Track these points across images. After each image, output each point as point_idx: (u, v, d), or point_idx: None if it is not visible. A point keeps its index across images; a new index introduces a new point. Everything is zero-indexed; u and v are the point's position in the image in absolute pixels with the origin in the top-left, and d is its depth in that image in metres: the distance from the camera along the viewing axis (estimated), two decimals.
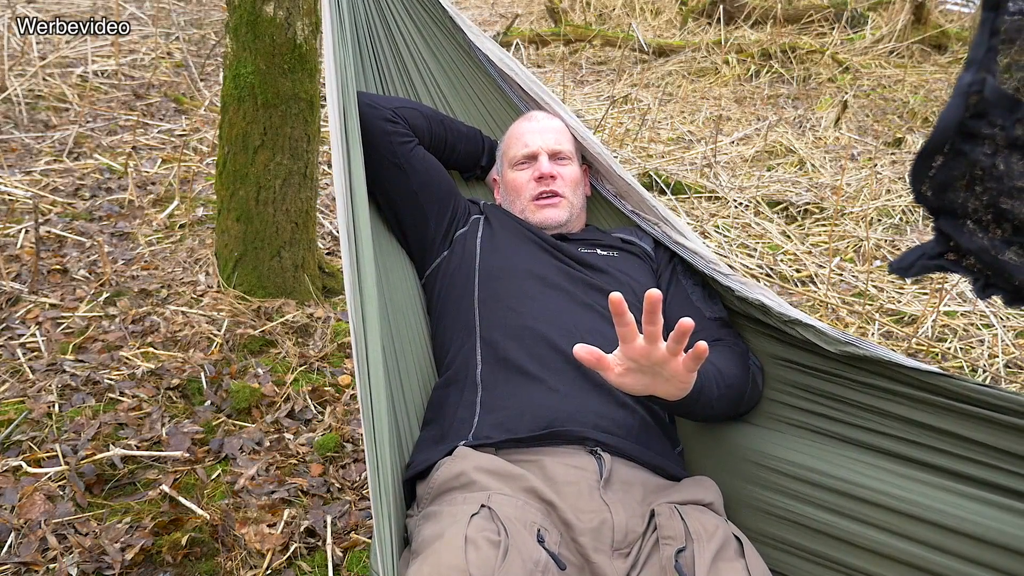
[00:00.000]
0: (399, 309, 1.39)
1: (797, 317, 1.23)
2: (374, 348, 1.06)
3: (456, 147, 1.60)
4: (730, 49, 5.89)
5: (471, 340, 1.31)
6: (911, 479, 1.08)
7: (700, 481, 1.20)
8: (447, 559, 0.90)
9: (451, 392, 1.28)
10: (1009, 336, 2.50)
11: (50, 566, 1.44)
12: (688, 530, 1.03)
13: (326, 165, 3.45)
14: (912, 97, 5.27)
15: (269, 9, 2.06)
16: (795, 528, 1.16)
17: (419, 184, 1.46)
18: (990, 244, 0.59)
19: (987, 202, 0.58)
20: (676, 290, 1.42)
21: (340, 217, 1.16)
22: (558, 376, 1.22)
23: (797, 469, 1.18)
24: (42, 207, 2.72)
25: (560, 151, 1.52)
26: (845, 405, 1.20)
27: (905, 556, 1.04)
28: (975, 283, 0.62)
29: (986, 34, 0.56)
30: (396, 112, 1.46)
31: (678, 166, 3.91)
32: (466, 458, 1.12)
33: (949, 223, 0.61)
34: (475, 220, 1.50)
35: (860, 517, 1.09)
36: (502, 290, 1.34)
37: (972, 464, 1.05)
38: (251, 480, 1.70)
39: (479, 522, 0.97)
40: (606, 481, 1.11)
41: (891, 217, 3.41)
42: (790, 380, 1.28)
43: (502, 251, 1.42)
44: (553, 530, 1.03)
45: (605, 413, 1.20)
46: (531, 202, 1.50)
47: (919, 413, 1.10)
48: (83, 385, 1.91)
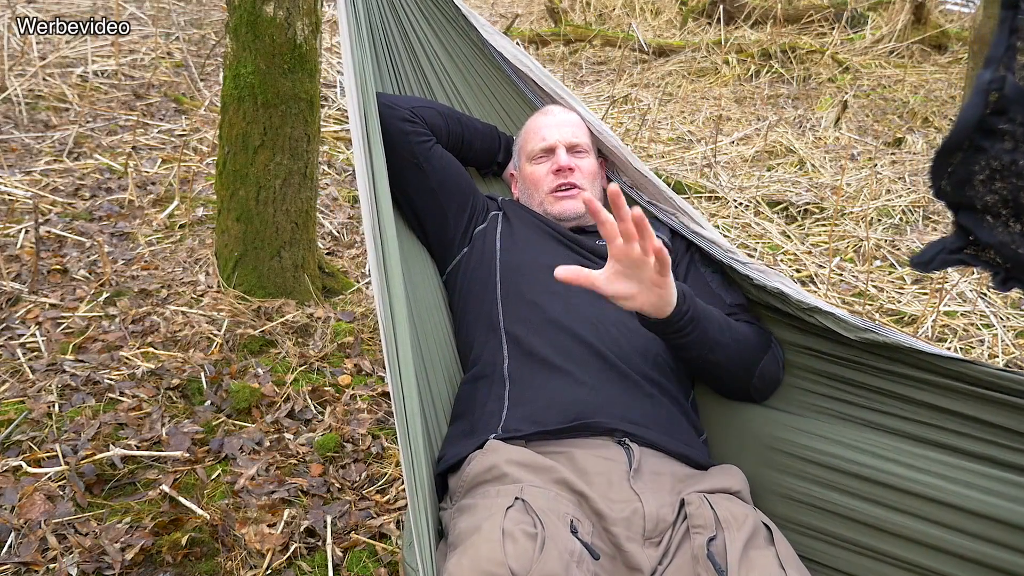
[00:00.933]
0: (423, 306, 1.40)
1: (816, 305, 1.24)
2: (404, 347, 1.07)
3: (473, 144, 1.61)
4: (730, 49, 5.89)
5: (496, 335, 1.33)
6: (935, 462, 1.09)
7: (727, 469, 1.21)
8: (486, 552, 0.91)
9: (479, 387, 1.29)
10: (1009, 336, 2.50)
11: (50, 566, 1.44)
12: (718, 518, 1.04)
13: (326, 165, 3.45)
14: (912, 97, 5.27)
15: (269, 9, 2.06)
16: (821, 514, 1.17)
17: (438, 182, 1.48)
18: (1010, 238, 0.60)
19: (1006, 197, 0.59)
20: (695, 279, 1.43)
21: (365, 218, 1.17)
22: (584, 368, 1.24)
23: (821, 455, 1.19)
24: (42, 207, 2.72)
25: (577, 144, 1.54)
26: (866, 391, 1.21)
27: (931, 539, 1.05)
28: (995, 276, 0.63)
29: (1005, 32, 0.56)
30: (414, 112, 1.48)
31: (678, 166, 3.91)
32: (497, 451, 1.13)
33: (969, 218, 0.61)
34: (494, 216, 1.52)
35: (885, 502, 1.10)
36: (524, 285, 1.36)
37: (995, 447, 1.06)
38: (251, 480, 1.70)
39: (515, 515, 0.98)
40: (635, 471, 1.12)
41: (891, 217, 3.41)
42: (811, 367, 1.30)
43: (521, 246, 1.44)
44: (586, 520, 1.04)
45: (632, 404, 1.21)
46: (549, 194, 1.52)
47: (941, 398, 1.12)
48: (83, 385, 1.91)
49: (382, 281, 1.12)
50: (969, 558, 1.02)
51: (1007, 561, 0.99)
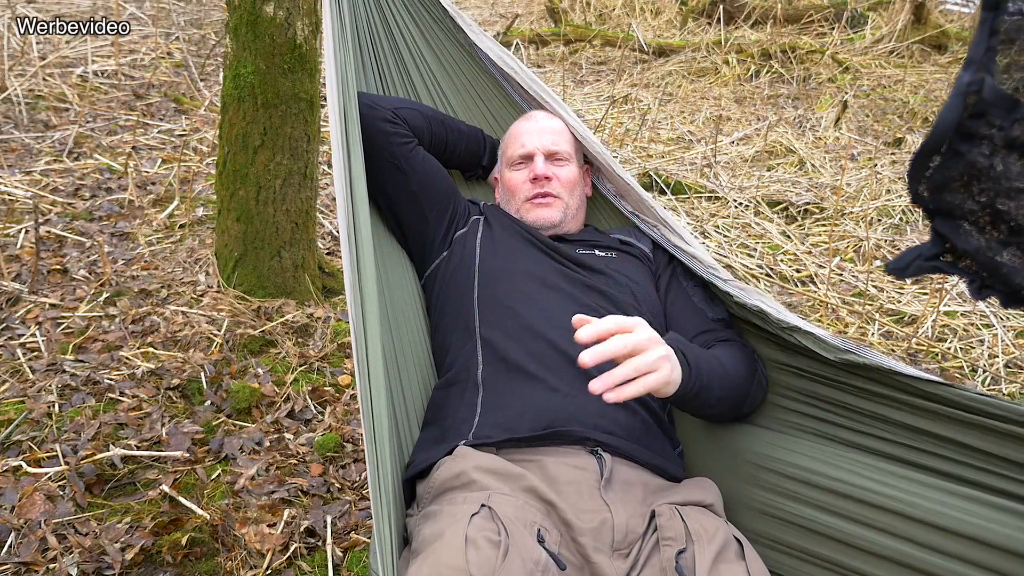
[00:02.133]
0: (399, 309, 1.39)
1: (796, 324, 1.22)
2: (374, 348, 1.06)
3: (457, 147, 1.60)
4: (730, 49, 5.89)
5: (472, 341, 1.31)
6: (911, 481, 1.08)
7: (700, 482, 1.20)
8: (447, 559, 0.90)
9: (452, 392, 1.28)
10: (1009, 336, 2.50)
11: (50, 566, 1.44)
12: (689, 531, 1.03)
13: (326, 165, 3.45)
14: (912, 97, 5.27)
15: (269, 9, 2.06)
16: (794, 530, 1.16)
17: (418, 185, 1.46)
18: (987, 245, 0.59)
19: (984, 203, 0.58)
20: (677, 292, 1.41)
21: (340, 217, 1.16)
22: (559, 376, 1.22)
23: (797, 471, 1.17)
24: (42, 207, 2.72)
25: (557, 152, 1.52)
26: (845, 410, 1.19)
27: (904, 558, 1.04)
28: (971, 284, 0.61)
29: (985, 34, 0.55)
30: (396, 113, 1.46)
31: (678, 166, 3.91)
32: (466, 457, 1.12)
33: (946, 224, 0.60)
34: (475, 221, 1.50)
35: (859, 519, 1.09)
36: (502, 291, 1.35)
37: (971, 469, 1.05)
38: (251, 480, 1.70)
39: (479, 522, 0.97)
40: (607, 481, 1.11)
41: (891, 217, 3.41)
42: (790, 384, 1.28)
43: (501, 252, 1.42)
44: (553, 530, 1.03)
45: (606, 413, 1.19)
46: (525, 202, 1.51)
47: (919, 419, 1.10)
48: (83, 385, 1.91)
49: (354, 281, 1.11)
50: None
51: None
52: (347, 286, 1.11)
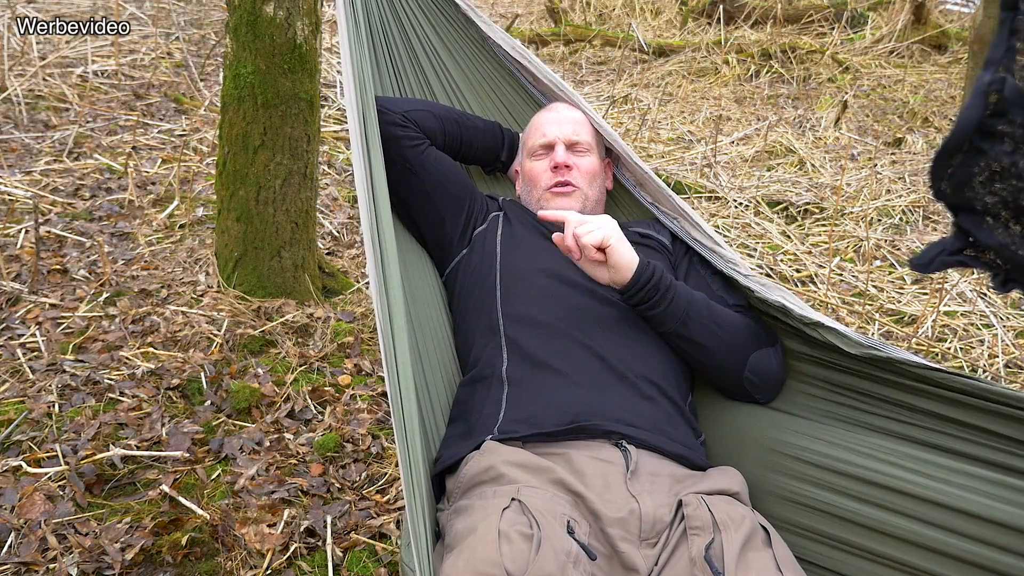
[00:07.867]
0: (421, 307, 1.40)
1: (819, 320, 1.24)
2: (402, 348, 1.07)
3: (472, 144, 1.61)
4: (730, 49, 5.89)
5: (496, 338, 1.33)
6: (935, 466, 1.09)
7: (725, 471, 1.21)
8: (482, 553, 0.92)
9: (478, 389, 1.30)
10: (1009, 336, 2.50)
11: (50, 566, 1.44)
12: (715, 520, 1.04)
13: (326, 165, 3.45)
14: (912, 97, 5.27)
15: (269, 9, 2.06)
16: (819, 516, 1.17)
17: (432, 185, 1.48)
18: (1009, 240, 0.60)
19: (1006, 199, 0.59)
20: (696, 281, 1.43)
21: (363, 220, 1.17)
22: (582, 371, 1.24)
23: (820, 458, 1.19)
24: (42, 207, 2.72)
25: (578, 142, 1.54)
26: (869, 397, 1.22)
27: (929, 541, 1.05)
28: (995, 278, 0.62)
29: (1005, 34, 0.56)
30: (406, 116, 1.47)
31: (678, 166, 3.91)
32: (494, 452, 1.13)
33: (968, 219, 0.61)
34: (494, 217, 1.51)
35: (884, 504, 1.10)
36: (523, 288, 1.37)
37: (997, 452, 1.07)
38: (251, 480, 1.70)
39: (511, 515, 0.98)
40: (632, 473, 1.12)
41: (891, 217, 3.41)
42: (813, 373, 1.30)
43: (522, 249, 1.44)
44: (583, 521, 1.05)
45: (629, 406, 1.21)
46: (546, 191, 1.53)
47: (941, 406, 1.13)
48: (83, 385, 1.91)
49: (380, 283, 1.13)
50: (966, 560, 1.02)
51: (1005, 564, 0.99)
52: (372, 288, 1.13)
